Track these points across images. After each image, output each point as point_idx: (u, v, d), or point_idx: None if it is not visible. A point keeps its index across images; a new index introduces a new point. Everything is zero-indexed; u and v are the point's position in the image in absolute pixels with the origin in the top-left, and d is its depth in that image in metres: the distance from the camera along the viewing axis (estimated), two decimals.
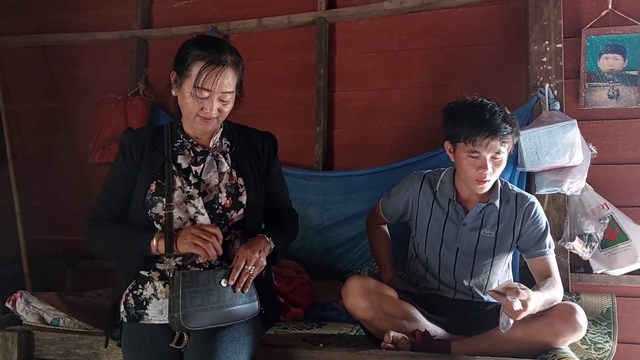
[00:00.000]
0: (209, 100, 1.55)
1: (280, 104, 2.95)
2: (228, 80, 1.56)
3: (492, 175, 1.83)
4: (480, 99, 1.87)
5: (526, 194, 1.97)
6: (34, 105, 3.30)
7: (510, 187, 1.97)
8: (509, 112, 1.84)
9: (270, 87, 2.95)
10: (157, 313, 1.55)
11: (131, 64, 3.12)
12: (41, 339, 1.88)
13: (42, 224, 3.16)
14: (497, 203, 1.90)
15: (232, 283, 1.52)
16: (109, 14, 3.23)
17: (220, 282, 1.50)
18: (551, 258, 1.88)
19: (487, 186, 1.86)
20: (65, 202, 3.15)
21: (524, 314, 1.56)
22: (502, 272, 1.98)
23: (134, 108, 2.97)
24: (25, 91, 3.32)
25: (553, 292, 1.73)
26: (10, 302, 2.00)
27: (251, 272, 1.55)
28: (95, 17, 3.24)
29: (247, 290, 1.56)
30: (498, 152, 1.80)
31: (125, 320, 1.59)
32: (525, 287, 1.59)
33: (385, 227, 2.20)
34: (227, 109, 1.61)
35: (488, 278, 1.94)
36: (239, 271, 1.53)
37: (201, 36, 1.67)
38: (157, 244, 1.53)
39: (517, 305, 1.52)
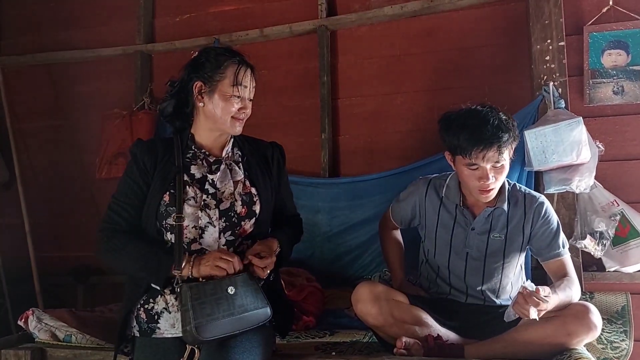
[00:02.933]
0: (244, 99, 1.62)
1: (285, 113, 2.96)
2: (254, 79, 1.67)
3: (496, 183, 1.80)
4: (474, 107, 1.84)
5: (535, 193, 1.94)
6: (41, 124, 3.34)
7: (519, 188, 1.95)
8: (504, 117, 1.78)
9: (275, 97, 2.97)
10: (168, 327, 1.56)
11: (135, 78, 3.15)
12: (54, 356, 1.88)
13: (51, 241, 3.18)
14: (505, 206, 1.88)
15: (249, 260, 1.55)
16: (112, 30, 3.26)
17: (227, 289, 1.50)
18: (566, 258, 1.86)
19: (492, 194, 1.83)
20: (74, 218, 3.17)
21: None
22: (514, 275, 1.96)
23: (139, 122, 2.99)
24: (31, 110, 3.36)
25: (568, 293, 1.71)
26: (23, 320, 2.00)
27: (271, 257, 1.56)
28: (99, 34, 3.27)
29: (266, 274, 1.57)
30: (497, 161, 1.76)
31: (138, 335, 1.59)
32: (548, 294, 1.58)
33: (398, 233, 2.20)
34: (250, 111, 1.66)
35: (500, 281, 1.92)
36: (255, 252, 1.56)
37: (219, 46, 1.70)
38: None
39: (533, 314, 1.54)
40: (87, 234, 2.95)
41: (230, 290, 1.50)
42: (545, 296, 1.56)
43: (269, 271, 1.58)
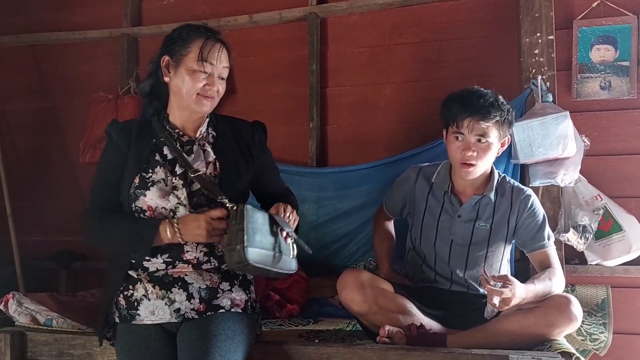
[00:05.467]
0: (211, 76, 1.58)
1: (273, 101, 2.93)
2: (226, 57, 1.61)
3: (479, 161, 1.83)
4: (476, 87, 1.90)
5: (523, 187, 1.96)
6: (25, 106, 3.27)
7: (508, 180, 1.97)
8: (501, 100, 1.85)
9: (263, 84, 2.94)
10: (148, 314, 1.54)
11: (122, 62, 3.09)
12: (34, 340, 1.86)
13: (34, 225, 3.14)
14: (492, 195, 1.90)
15: (281, 214, 1.57)
16: (98, 12, 3.20)
17: (273, 226, 1.53)
18: (550, 250, 1.88)
19: (474, 171, 1.85)
20: (57, 202, 3.12)
21: (508, 307, 1.59)
22: (501, 267, 1.97)
23: (125, 107, 2.94)
24: (15, 91, 3.29)
25: (547, 284, 1.73)
26: (2, 303, 1.98)
27: (291, 219, 1.59)
28: (85, 16, 3.21)
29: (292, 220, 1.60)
30: (482, 135, 1.81)
31: (117, 321, 1.58)
32: (512, 281, 1.60)
33: (391, 225, 2.21)
34: (222, 90, 1.62)
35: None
36: (283, 214, 1.57)
37: (192, 23, 1.66)
38: (167, 231, 1.51)
39: (496, 301, 1.58)
40: (70, 218, 2.92)
41: (275, 227, 1.54)
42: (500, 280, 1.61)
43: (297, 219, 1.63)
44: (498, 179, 1.94)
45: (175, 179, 1.57)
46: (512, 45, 2.55)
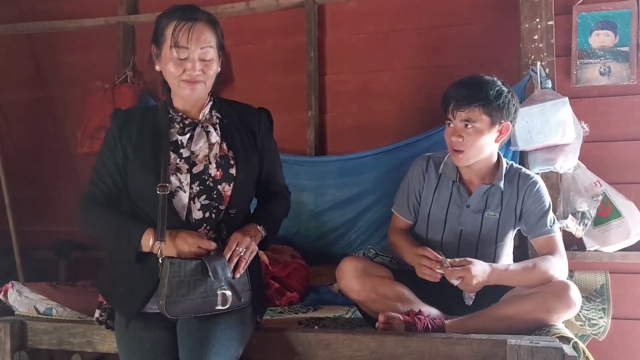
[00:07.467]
0: (190, 60, 1.53)
1: (271, 89, 2.91)
2: (205, 36, 1.53)
3: (467, 147, 1.82)
4: (475, 75, 1.88)
5: (530, 173, 1.95)
6: (21, 96, 3.25)
7: (516, 167, 1.97)
8: (494, 86, 1.81)
9: (260, 72, 2.92)
10: (149, 303, 1.54)
11: (118, 50, 3.07)
12: (34, 328, 1.87)
13: (33, 215, 3.14)
14: (502, 184, 1.89)
15: (227, 255, 1.50)
16: (94, 0, 3.17)
17: (208, 273, 1.46)
18: (553, 236, 1.86)
19: (463, 158, 1.85)
20: (56, 192, 3.12)
21: (471, 286, 1.69)
22: (507, 258, 1.96)
23: (122, 96, 2.92)
24: (11, 81, 3.26)
25: (528, 265, 1.75)
26: (2, 292, 1.99)
27: (242, 254, 1.53)
28: (80, 4, 3.18)
29: (240, 273, 1.53)
30: (467, 120, 1.80)
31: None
32: (470, 261, 1.68)
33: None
34: (212, 71, 1.57)
35: (493, 262, 1.88)
36: (231, 252, 1.51)
37: (173, 5, 1.62)
38: (149, 241, 1.49)
39: (454, 282, 1.70)
40: (69, 208, 2.91)
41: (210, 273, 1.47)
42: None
43: (254, 251, 1.57)
44: (506, 167, 1.92)
45: (181, 162, 1.56)
46: (511, 32, 2.52)
